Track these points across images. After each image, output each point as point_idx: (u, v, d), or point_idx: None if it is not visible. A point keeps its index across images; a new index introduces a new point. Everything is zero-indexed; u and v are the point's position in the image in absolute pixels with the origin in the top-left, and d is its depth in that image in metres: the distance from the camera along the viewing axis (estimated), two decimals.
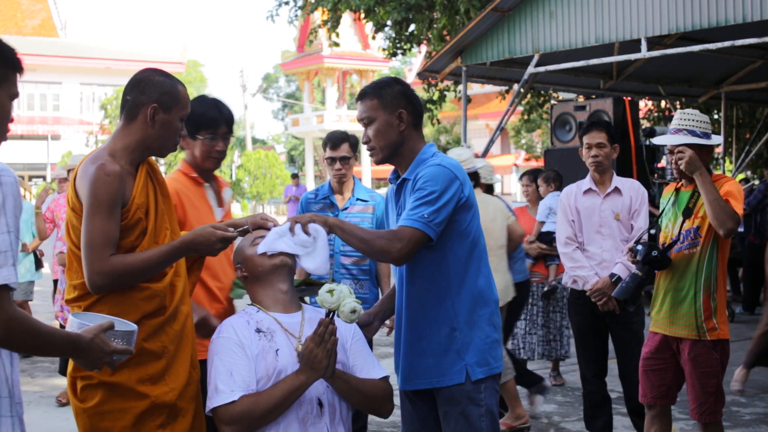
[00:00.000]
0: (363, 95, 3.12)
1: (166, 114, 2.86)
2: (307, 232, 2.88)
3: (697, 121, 4.06)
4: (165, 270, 2.87)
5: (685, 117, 4.08)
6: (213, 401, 2.71)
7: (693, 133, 4.02)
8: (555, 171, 7.45)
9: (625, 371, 4.90)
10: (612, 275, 4.77)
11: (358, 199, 4.84)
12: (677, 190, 4.21)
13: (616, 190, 4.91)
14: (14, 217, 2.06)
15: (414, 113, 3.11)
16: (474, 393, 3.01)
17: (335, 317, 2.76)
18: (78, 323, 2.33)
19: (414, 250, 2.93)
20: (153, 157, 2.99)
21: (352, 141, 4.91)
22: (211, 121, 3.59)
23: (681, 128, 4.05)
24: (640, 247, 4.14)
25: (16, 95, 2.27)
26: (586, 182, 4.99)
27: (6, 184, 2.06)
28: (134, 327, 2.46)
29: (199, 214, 3.56)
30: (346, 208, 4.80)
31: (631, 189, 4.92)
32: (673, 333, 4.11)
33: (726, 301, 4.17)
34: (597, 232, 4.91)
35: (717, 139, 4.13)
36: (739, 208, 3.95)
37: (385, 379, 2.95)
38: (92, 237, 2.71)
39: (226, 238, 2.88)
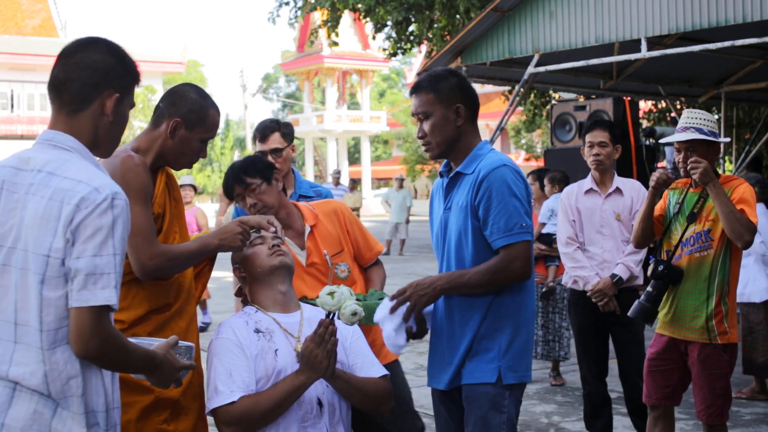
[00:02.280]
0: (418, 88, 2.99)
1: (188, 131, 2.90)
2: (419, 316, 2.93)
3: (704, 119, 4.05)
4: None
5: (693, 115, 4.08)
6: (213, 402, 2.71)
7: (700, 131, 4.01)
8: (562, 172, 7.40)
9: (625, 372, 4.89)
10: (613, 276, 4.77)
11: (301, 196, 4.30)
12: (686, 191, 4.18)
13: (618, 190, 4.91)
14: (122, 240, 2.11)
15: (471, 107, 3.01)
16: (498, 398, 2.90)
17: (335, 318, 2.76)
18: (137, 343, 2.35)
19: (530, 259, 2.90)
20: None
21: (284, 130, 4.36)
22: (228, 193, 3.60)
23: (688, 126, 4.04)
24: (651, 263, 4.13)
25: (134, 105, 2.35)
26: (588, 182, 4.98)
27: (117, 207, 2.10)
28: (192, 344, 2.51)
29: None
30: None
31: (632, 189, 4.92)
32: (682, 336, 4.07)
33: (736, 304, 4.14)
34: (598, 233, 4.91)
35: (724, 139, 4.12)
36: (754, 215, 3.93)
37: (385, 377, 2.95)
38: (138, 225, 2.75)
39: (247, 232, 2.96)
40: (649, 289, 4.11)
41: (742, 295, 6.55)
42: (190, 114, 2.89)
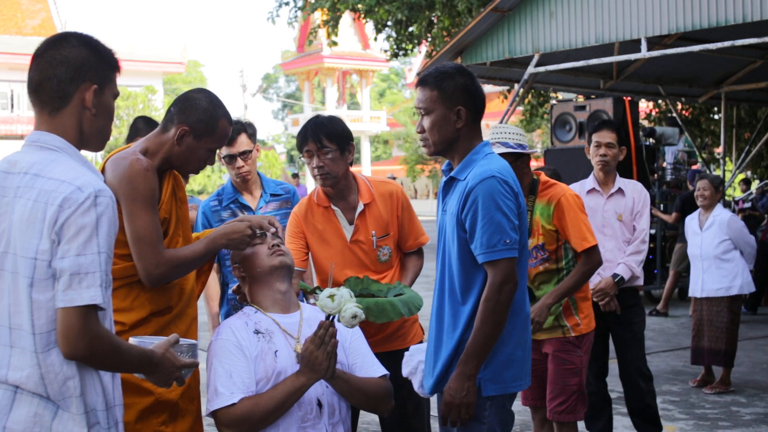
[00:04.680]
0: (423, 83, 2.91)
1: (195, 140, 2.88)
2: None
3: (510, 133, 4.09)
4: None
5: (498, 130, 4.12)
6: (213, 404, 2.70)
7: (506, 145, 4.03)
8: (552, 169, 7.43)
9: (625, 372, 4.89)
10: (615, 275, 4.77)
11: (271, 195, 4.33)
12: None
13: (620, 191, 4.91)
14: (107, 237, 2.08)
15: (474, 109, 2.90)
16: (478, 409, 2.82)
17: (335, 320, 2.75)
18: (138, 341, 2.36)
19: (514, 275, 2.79)
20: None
21: (250, 130, 4.33)
22: (300, 141, 3.59)
23: (494, 142, 4.07)
24: None
25: (118, 94, 2.30)
26: (590, 182, 4.98)
27: (101, 205, 2.07)
28: (195, 341, 2.49)
29: (321, 237, 3.61)
30: (260, 208, 4.27)
31: (634, 190, 4.92)
32: (540, 337, 4.11)
33: (588, 294, 4.22)
34: (600, 233, 4.90)
35: (533, 150, 4.20)
36: (589, 234, 4.02)
37: (385, 377, 2.95)
38: (144, 231, 2.75)
39: (254, 234, 2.93)
40: None
41: (731, 288, 6.69)
42: (198, 123, 2.87)
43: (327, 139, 3.52)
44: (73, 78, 2.17)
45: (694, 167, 12.78)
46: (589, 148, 4.96)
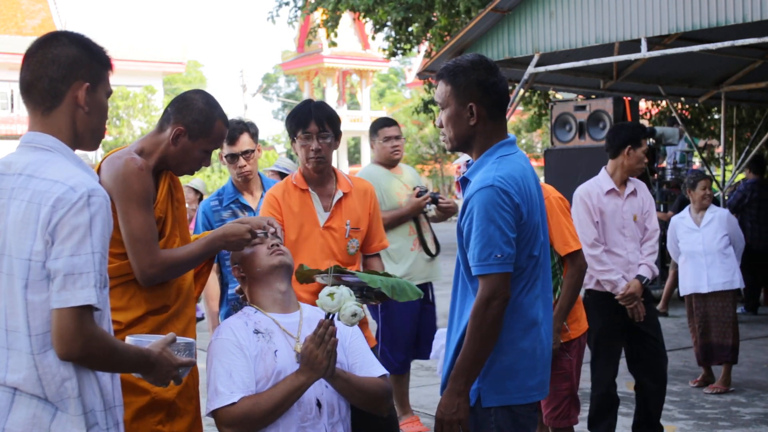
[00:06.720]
0: (439, 76, 2.82)
1: (191, 141, 2.89)
2: None
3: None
4: None
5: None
6: (213, 403, 2.70)
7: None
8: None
9: (653, 383, 4.86)
10: (641, 278, 4.74)
11: None
12: None
13: (634, 191, 4.88)
14: (101, 237, 2.07)
15: (490, 105, 2.76)
16: (482, 421, 2.74)
17: (335, 319, 2.76)
18: (134, 341, 2.36)
19: (508, 288, 2.67)
20: None
21: (252, 130, 4.37)
22: (301, 121, 3.61)
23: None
24: None
25: (111, 92, 2.30)
26: (608, 182, 4.88)
27: (94, 205, 2.06)
28: (192, 340, 2.49)
29: (296, 219, 3.61)
30: (260, 207, 4.14)
31: (643, 190, 4.91)
32: None
33: (578, 298, 4.19)
34: (620, 234, 4.84)
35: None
36: (573, 238, 4.09)
37: (384, 377, 2.95)
38: (139, 231, 2.76)
39: (255, 234, 2.93)
40: None
41: (734, 282, 6.74)
42: (194, 124, 2.88)
43: (328, 124, 3.58)
44: (64, 77, 2.16)
45: (693, 167, 12.78)
46: (629, 152, 4.84)
